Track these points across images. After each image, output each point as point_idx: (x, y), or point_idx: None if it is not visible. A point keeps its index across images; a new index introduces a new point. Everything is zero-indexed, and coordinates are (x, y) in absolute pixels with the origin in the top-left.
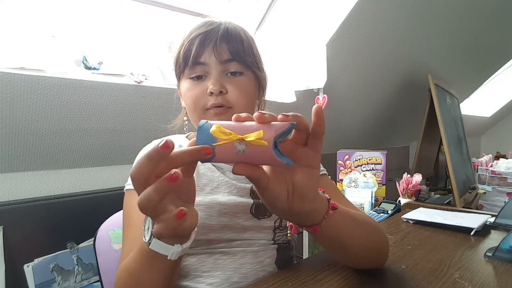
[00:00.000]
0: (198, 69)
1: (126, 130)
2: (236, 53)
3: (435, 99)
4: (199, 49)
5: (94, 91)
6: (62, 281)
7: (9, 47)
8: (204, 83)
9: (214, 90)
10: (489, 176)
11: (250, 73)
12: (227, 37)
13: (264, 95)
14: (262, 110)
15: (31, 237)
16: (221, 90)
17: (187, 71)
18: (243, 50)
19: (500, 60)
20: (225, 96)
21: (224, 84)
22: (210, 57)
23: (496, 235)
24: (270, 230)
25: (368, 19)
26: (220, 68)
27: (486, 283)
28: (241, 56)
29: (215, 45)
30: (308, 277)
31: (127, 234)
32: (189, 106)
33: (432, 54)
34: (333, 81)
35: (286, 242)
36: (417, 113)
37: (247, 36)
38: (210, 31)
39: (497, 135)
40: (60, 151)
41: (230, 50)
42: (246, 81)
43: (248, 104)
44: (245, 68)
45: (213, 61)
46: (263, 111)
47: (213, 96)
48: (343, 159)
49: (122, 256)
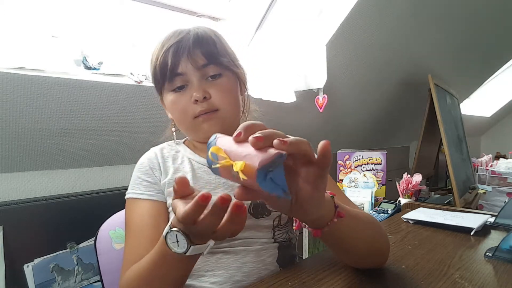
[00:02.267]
0: (178, 80)
1: (126, 130)
2: (211, 56)
3: (435, 99)
4: (174, 60)
5: (94, 91)
6: (62, 281)
7: (9, 47)
8: (187, 93)
9: (198, 97)
10: (489, 176)
11: (228, 72)
12: (199, 42)
13: (246, 90)
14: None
15: (31, 237)
16: (205, 95)
17: (167, 84)
18: (217, 51)
19: (500, 60)
20: (210, 100)
21: (206, 89)
22: (187, 66)
23: (496, 235)
24: (270, 229)
25: (368, 19)
26: (199, 75)
27: (486, 283)
28: (216, 58)
29: (189, 53)
30: (308, 277)
31: (128, 243)
32: (178, 118)
33: (432, 54)
34: (333, 81)
35: (287, 240)
36: (417, 113)
37: (218, 37)
38: (181, 40)
39: (497, 135)
40: (60, 151)
41: (204, 55)
42: (226, 81)
43: (233, 103)
44: (223, 69)
45: (190, 69)
46: (260, 134)
47: (198, 103)
48: (343, 159)
49: (124, 265)
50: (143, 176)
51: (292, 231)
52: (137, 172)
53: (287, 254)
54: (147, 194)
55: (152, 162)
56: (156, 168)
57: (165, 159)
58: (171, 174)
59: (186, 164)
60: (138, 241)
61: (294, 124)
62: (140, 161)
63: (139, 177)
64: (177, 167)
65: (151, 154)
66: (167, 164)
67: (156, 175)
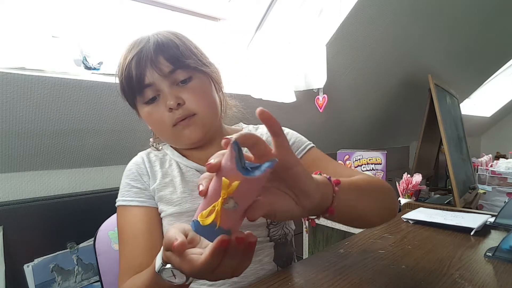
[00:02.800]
0: (148, 92)
1: (126, 130)
2: (176, 60)
3: (435, 99)
4: (138, 72)
5: (94, 91)
6: (62, 281)
7: (9, 47)
8: (160, 103)
9: (171, 105)
10: (489, 176)
11: (198, 73)
12: (161, 49)
13: (222, 87)
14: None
15: (31, 237)
16: (178, 102)
17: (139, 97)
18: (182, 54)
19: (500, 60)
20: (184, 106)
21: (178, 95)
22: (153, 75)
23: (496, 235)
24: (264, 227)
25: (368, 19)
26: (168, 82)
27: (486, 283)
28: (182, 62)
29: (152, 61)
30: (308, 277)
31: (122, 250)
32: (157, 129)
33: (432, 54)
34: (333, 81)
35: (283, 237)
36: (417, 113)
37: (180, 38)
38: (141, 49)
39: (497, 135)
40: (60, 151)
41: (169, 61)
42: (198, 83)
43: (209, 104)
44: (191, 71)
45: (157, 78)
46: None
47: (173, 111)
48: (343, 159)
49: (121, 274)
50: (132, 182)
51: (287, 226)
52: (125, 179)
53: (284, 252)
54: (138, 201)
55: (139, 167)
56: (144, 173)
57: (152, 163)
58: (160, 178)
59: (174, 168)
60: (132, 249)
61: (294, 124)
62: (128, 167)
63: (128, 184)
64: (165, 171)
65: (138, 159)
66: (155, 168)
67: (145, 181)
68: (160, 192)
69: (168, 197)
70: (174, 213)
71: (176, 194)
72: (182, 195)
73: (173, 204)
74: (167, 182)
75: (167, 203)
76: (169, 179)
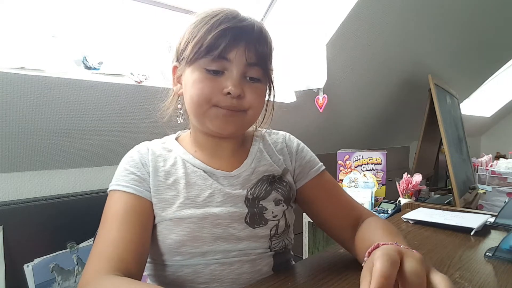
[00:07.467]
0: (220, 64)
1: (126, 130)
2: (263, 58)
3: (435, 99)
4: (230, 45)
5: (94, 91)
6: (62, 281)
7: (9, 47)
8: (220, 80)
9: (234, 92)
10: (489, 176)
11: (265, 80)
12: (259, 40)
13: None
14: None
15: (31, 237)
16: (240, 93)
17: (205, 61)
18: (269, 56)
19: (500, 60)
20: (241, 99)
21: (243, 88)
22: (239, 56)
23: (496, 235)
24: (266, 239)
25: (368, 19)
26: (243, 70)
27: (486, 283)
28: (265, 63)
29: (247, 45)
30: (308, 277)
31: (100, 234)
32: (194, 98)
33: (432, 54)
34: (333, 81)
35: (283, 248)
36: (417, 113)
37: (271, 43)
38: (243, 28)
39: (497, 135)
40: (60, 151)
41: (258, 54)
42: (262, 88)
43: (259, 112)
44: (264, 75)
45: (240, 61)
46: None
47: (229, 97)
48: (343, 159)
49: (92, 258)
50: (132, 168)
51: (288, 237)
52: (125, 165)
53: (282, 260)
54: (134, 189)
55: (143, 157)
56: (147, 164)
57: (157, 157)
58: (162, 177)
59: (179, 167)
60: (118, 238)
61: (294, 124)
62: (130, 154)
63: (127, 169)
64: (169, 170)
65: (143, 149)
66: (158, 164)
67: (146, 171)
68: (161, 194)
69: (170, 201)
70: (174, 218)
71: (179, 199)
72: (185, 201)
73: (173, 209)
74: (169, 184)
75: (167, 207)
76: (173, 179)
